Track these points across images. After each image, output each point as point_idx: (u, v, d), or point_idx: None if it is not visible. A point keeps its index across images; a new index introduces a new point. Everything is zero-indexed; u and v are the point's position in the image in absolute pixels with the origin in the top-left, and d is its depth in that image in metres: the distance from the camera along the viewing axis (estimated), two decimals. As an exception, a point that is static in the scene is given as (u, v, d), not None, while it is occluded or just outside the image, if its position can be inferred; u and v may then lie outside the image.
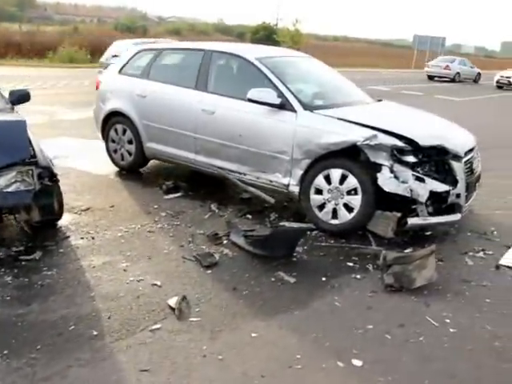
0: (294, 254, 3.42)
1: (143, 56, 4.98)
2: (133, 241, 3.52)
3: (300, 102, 3.89)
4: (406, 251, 3.54)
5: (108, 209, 4.08)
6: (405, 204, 3.63)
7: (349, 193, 3.66)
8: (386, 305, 2.85)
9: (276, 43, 32.27)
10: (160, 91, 4.65)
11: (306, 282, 3.06)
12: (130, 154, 5.00)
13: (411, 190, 3.54)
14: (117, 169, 5.14)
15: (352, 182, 3.64)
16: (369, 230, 3.80)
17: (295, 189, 3.92)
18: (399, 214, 3.67)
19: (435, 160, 3.63)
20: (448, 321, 2.73)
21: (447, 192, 3.54)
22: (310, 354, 2.38)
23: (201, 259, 3.27)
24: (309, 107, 3.88)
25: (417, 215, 3.64)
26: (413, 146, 3.55)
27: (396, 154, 3.56)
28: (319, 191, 3.79)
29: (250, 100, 3.89)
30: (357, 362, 2.33)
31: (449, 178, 3.62)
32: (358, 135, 3.58)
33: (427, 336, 2.57)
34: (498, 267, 3.44)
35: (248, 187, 4.15)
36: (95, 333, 2.45)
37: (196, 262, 3.24)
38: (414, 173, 3.55)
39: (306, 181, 3.85)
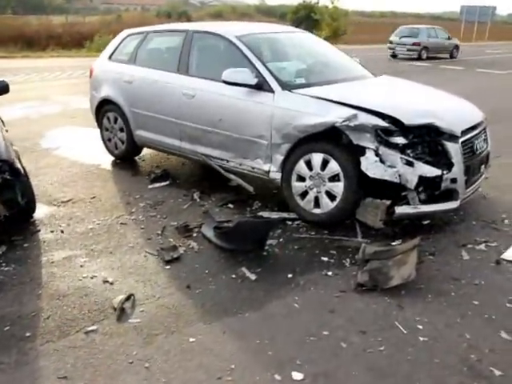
0: (266, 248, 3.16)
1: (131, 40, 4.79)
2: (101, 234, 3.38)
3: (279, 81, 3.55)
4: (394, 243, 3.20)
5: (88, 200, 3.98)
6: (394, 191, 3.26)
7: (331, 179, 3.32)
8: (352, 307, 2.53)
9: (315, 22, 31.30)
10: (145, 77, 4.46)
11: (269, 280, 2.79)
12: (122, 142, 4.88)
13: (400, 176, 3.16)
14: (112, 158, 5.08)
15: (334, 167, 3.29)
16: (358, 219, 3.48)
17: (276, 175, 3.62)
18: (388, 202, 3.29)
19: (427, 141, 3.21)
20: (421, 327, 2.38)
21: (439, 177, 3.11)
22: (247, 364, 2.13)
23: (164, 253, 3.09)
24: (288, 86, 3.53)
25: (408, 203, 3.27)
26: (398, 125, 3.15)
27: (382, 136, 3.17)
28: (301, 178, 3.48)
29: (225, 82, 3.61)
30: (297, 376, 2.05)
31: (443, 160, 3.18)
32: (336, 116, 3.21)
33: (390, 345, 2.24)
34: (498, 262, 2.99)
35: (229, 174, 3.90)
36: (28, 334, 2.32)
37: (158, 256, 3.08)
38: (403, 156, 3.15)
39: (287, 167, 3.54)
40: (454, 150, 3.17)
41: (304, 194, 3.48)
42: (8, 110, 7.03)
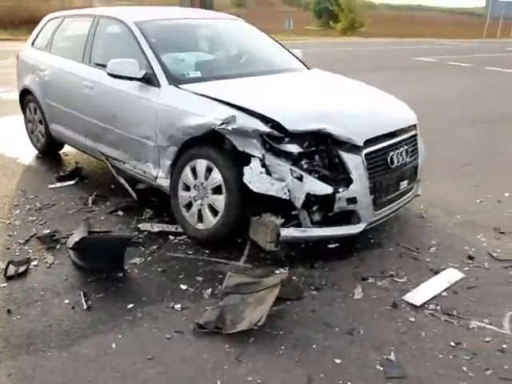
0: (126, 267, 2.74)
1: (51, 25, 4.41)
2: (-39, 240, 3.05)
3: (168, 74, 3.08)
4: (278, 271, 2.71)
5: (-24, 198, 3.66)
6: (286, 208, 2.77)
7: (214, 191, 2.84)
8: (176, 356, 2.03)
9: (332, 13, 30.38)
10: (55, 66, 4.07)
11: (104, 310, 2.34)
12: (42, 135, 4.54)
13: (289, 191, 2.67)
14: (35, 152, 4.73)
15: (216, 177, 2.81)
16: (253, 239, 3.00)
17: (164, 182, 3.16)
18: (280, 222, 2.80)
19: (323, 151, 2.69)
20: (249, 388, 1.92)
21: (331, 196, 2.60)
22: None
23: (12, 267, 2.68)
24: (176, 81, 3.05)
25: (300, 224, 2.76)
26: (282, 130, 2.64)
27: (270, 142, 2.68)
28: (188, 187, 3.03)
29: (110, 74, 3.16)
30: None
31: (340, 176, 2.66)
32: (216, 117, 2.73)
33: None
34: (395, 305, 2.45)
35: (120, 178, 3.48)
36: None
37: (1, 271, 2.69)
38: (294, 168, 2.65)
39: (175, 173, 3.09)
40: (353, 163, 2.63)
41: (189, 206, 3.03)
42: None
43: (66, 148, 4.68)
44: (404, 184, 2.98)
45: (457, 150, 5.24)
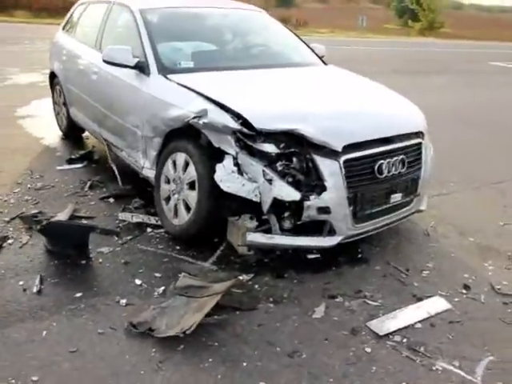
0: (91, 255, 2.69)
1: (78, 10, 4.52)
2: (-45, 210, 3.19)
3: (159, 63, 2.99)
4: (241, 278, 2.54)
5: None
6: (258, 211, 2.58)
7: (189, 186, 2.73)
8: (94, 352, 1.95)
9: (413, 12, 28.91)
10: (74, 51, 4.17)
11: (53, 295, 2.29)
12: (65, 118, 4.68)
13: (260, 194, 2.48)
14: (60, 133, 4.89)
15: (191, 172, 2.69)
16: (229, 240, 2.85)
17: (150, 173, 3.09)
18: (252, 225, 2.63)
19: (298, 154, 2.46)
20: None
21: (300, 202, 2.37)
22: None
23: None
24: (166, 70, 2.96)
25: (270, 229, 2.56)
26: (253, 128, 2.43)
27: (243, 140, 2.50)
28: (169, 180, 2.93)
29: (105, 61, 3.13)
30: None
31: (314, 182, 2.42)
32: (191, 110, 2.59)
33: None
34: (354, 331, 2.17)
35: (112, 164, 3.47)
36: None
37: (-24, 246, 2.77)
38: (267, 169, 2.45)
39: (159, 165, 3.01)
40: (328, 169, 2.38)
41: (169, 199, 2.94)
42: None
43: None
44: (397, 197, 2.66)
45: (497, 165, 4.71)
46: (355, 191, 2.45)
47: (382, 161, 2.53)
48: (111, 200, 3.41)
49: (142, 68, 3.05)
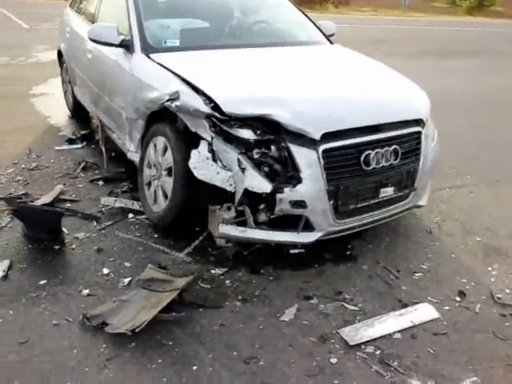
0: (66, 241, 2.60)
1: (85, -15, 4.41)
2: None
3: (144, 42, 2.82)
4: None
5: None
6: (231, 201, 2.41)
7: (167, 172, 2.59)
8: (44, 344, 1.87)
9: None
10: (75, 28, 4.06)
11: (14, 282, 2.23)
12: (71, 96, 4.64)
13: (235, 183, 2.31)
14: (68, 113, 4.86)
15: (169, 158, 2.55)
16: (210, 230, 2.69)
17: (134, 156, 2.97)
18: (228, 215, 2.45)
19: (273, 140, 2.25)
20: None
21: (271, 194, 2.17)
22: None
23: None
24: (150, 49, 2.79)
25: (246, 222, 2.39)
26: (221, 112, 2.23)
27: (219, 125, 2.32)
28: (150, 165, 2.80)
29: (90, 39, 2.99)
30: None
31: (291, 173, 2.22)
32: (167, 92, 2.42)
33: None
34: (323, 338, 1.99)
35: (102, 145, 3.37)
36: None
37: (-44, 227, 2.76)
38: (242, 157, 2.26)
39: (142, 149, 2.87)
40: (305, 159, 2.17)
41: (149, 185, 2.81)
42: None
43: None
44: (388, 191, 2.41)
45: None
46: (337, 184, 2.23)
47: (370, 151, 2.29)
48: (100, 183, 3.33)
49: (127, 46, 2.90)
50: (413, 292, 2.34)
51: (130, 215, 2.91)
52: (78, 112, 4.66)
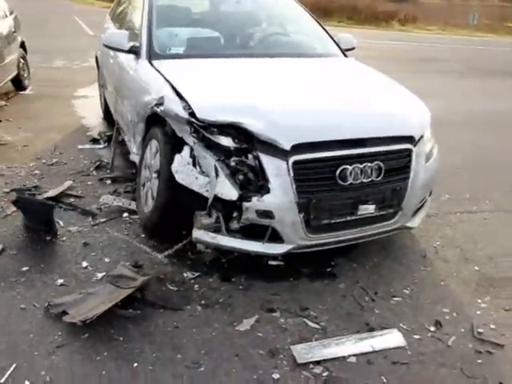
0: (58, 233, 2.74)
1: (121, -5, 4.66)
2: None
3: (150, 48, 2.93)
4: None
5: (20, 145, 4.10)
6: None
7: (157, 175, 2.66)
8: (4, 328, 1.97)
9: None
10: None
11: (2, 268, 2.42)
12: (103, 99, 4.89)
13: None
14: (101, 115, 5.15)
15: (158, 160, 2.63)
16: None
17: (135, 158, 3.09)
18: (207, 221, 2.45)
19: (249, 149, 2.23)
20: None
21: (237, 203, 2.16)
22: None
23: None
24: (154, 56, 2.89)
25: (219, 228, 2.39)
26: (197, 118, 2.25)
27: (200, 131, 2.35)
28: (146, 166, 2.89)
29: (104, 45, 3.14)
30: None
31: (261, 182, 2.19)
32: (155, 97, 2.50)
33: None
34: (272, 352, 1.94)
35: (112, 146, 3.52)
36: None
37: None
38: (218, 164, 2.27)
39: (142, 151, 2.98)
40: (274, 169, 2.14)
41: (144, 186, 2.90)
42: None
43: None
44: (368, 209, 2.31)
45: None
46: (308, 197, 2.18)
47: (347, 166, 2.22)
48: (108, 182, 3.49)
49: (136, 52, 3.04)
50: (385, 316, 2.23)
51: (125, 214, 3.03)
52: (109, 114, 4.94)
